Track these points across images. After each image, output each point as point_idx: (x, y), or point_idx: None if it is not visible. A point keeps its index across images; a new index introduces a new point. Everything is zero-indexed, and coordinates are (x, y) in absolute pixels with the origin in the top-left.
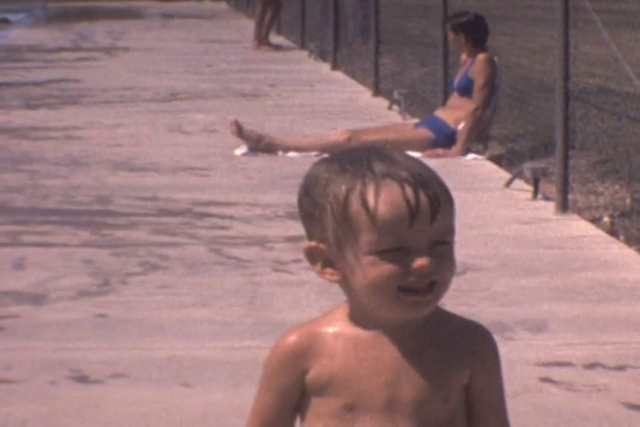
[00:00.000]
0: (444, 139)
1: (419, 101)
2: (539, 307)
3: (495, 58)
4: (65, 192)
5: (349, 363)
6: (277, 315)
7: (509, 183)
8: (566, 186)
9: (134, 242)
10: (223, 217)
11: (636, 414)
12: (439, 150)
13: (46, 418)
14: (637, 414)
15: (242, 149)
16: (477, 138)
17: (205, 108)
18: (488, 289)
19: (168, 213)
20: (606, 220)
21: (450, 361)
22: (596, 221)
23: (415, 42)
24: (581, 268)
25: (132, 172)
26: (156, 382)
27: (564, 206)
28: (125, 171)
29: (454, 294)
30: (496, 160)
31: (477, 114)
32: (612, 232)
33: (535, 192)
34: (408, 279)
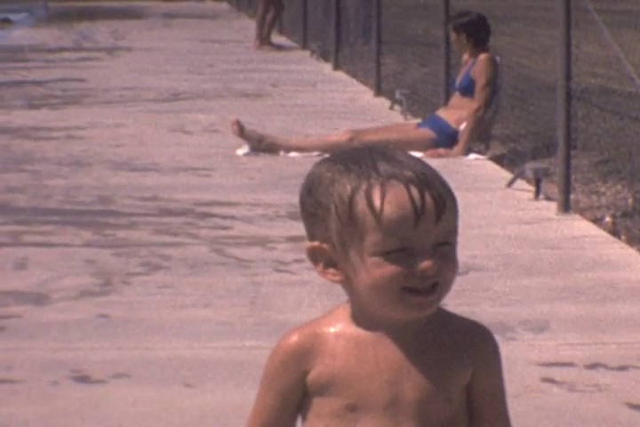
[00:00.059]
0: (445, 139)
1: (420, 101)
2: (540, 307)
3: (497, 58)
4: (67, 192)
5: (351, 363)
6: (279, 315)
7: (511, 183)
8: (568, 186)
9: (136, 242)
10: (225, 217)
11: (638, 414)
12: (441, 150)
13: (47, 418)
14: (639, 414)
15: (243, 149)
16: (479, 138)
17: (207, 108)
18: (490, 289)
19: (170, 213)
20: (608, 220)
21: (451, 361)
22: (597, 221)
23: (417, 42)
24: (583, 268)
25: (133, 172)
26: (158, 383)
27: (565, 206)
28: (127, 171)
29: (456, 294)
30: (498, 160)
31: (479, 114)
32: (614, 232)
33: (537, 192)
34: (412, 280)
